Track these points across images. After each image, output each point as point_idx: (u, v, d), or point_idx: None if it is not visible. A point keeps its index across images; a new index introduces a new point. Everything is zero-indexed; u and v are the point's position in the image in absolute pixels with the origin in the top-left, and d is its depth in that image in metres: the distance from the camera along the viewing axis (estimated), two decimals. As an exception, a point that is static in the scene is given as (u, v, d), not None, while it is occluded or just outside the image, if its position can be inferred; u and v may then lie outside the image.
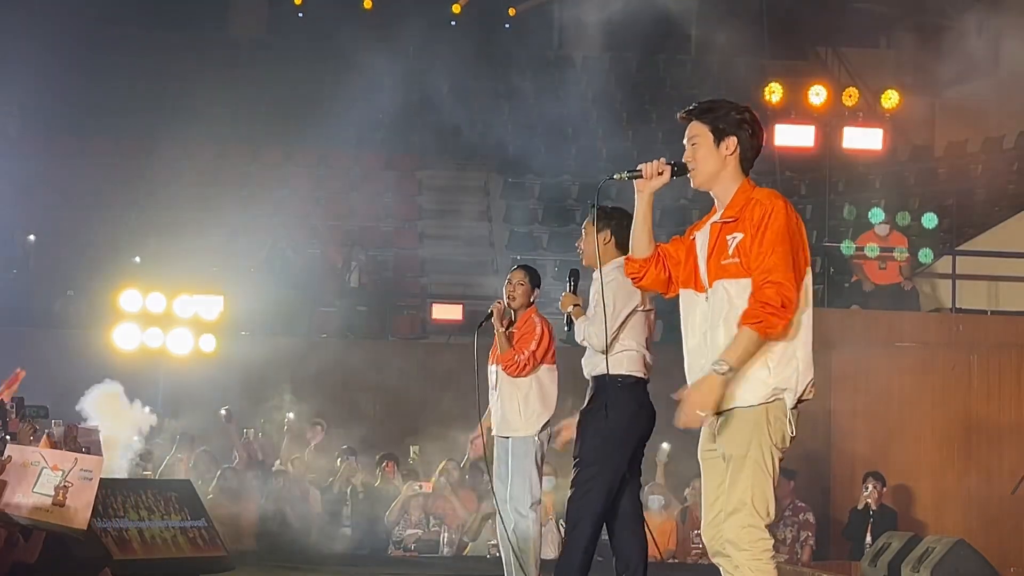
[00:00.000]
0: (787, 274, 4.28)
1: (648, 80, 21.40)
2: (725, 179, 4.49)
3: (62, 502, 6.17)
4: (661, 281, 4.64)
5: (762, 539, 4.32)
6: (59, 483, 6.19)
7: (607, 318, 6.12)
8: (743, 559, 4.32)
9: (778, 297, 4.25)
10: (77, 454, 6.55)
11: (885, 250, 12.92)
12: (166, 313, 12.48)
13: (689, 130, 4.54)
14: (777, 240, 4.31)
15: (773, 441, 4.33)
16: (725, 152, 4.48)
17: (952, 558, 8.20)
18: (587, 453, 6.31)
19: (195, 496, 8.32)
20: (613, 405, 6.22)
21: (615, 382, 6.27)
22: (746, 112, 4.54)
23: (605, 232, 6.46)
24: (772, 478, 4.34)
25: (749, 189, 4.47)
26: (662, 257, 4.62)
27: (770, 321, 4.25)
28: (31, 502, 6.16)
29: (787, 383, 4.34)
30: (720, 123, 4.49)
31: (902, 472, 11.81)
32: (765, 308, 4.25)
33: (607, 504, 6.31)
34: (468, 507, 11.72)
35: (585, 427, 6.35)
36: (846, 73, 22.00)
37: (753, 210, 4.38)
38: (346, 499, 11.82)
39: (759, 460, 4.32)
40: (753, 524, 4.31)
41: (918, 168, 18.95)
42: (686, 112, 4.56)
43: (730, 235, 4.41)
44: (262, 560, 10.35)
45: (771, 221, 4.33)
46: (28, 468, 6.22)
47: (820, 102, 14.24)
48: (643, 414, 6.35)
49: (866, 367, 11.94)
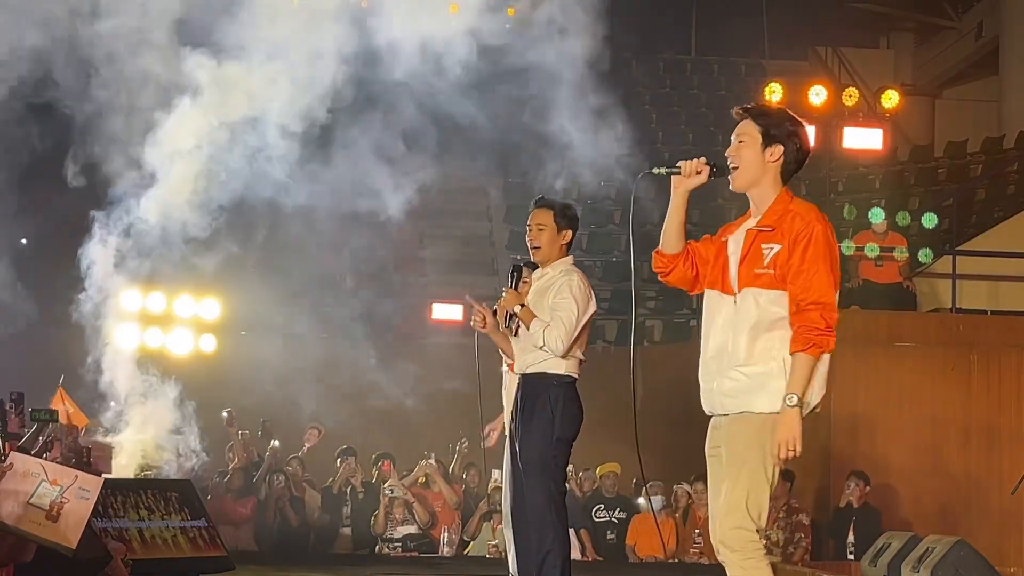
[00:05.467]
0: (829, 294, 4.32)
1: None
2: (765, 185, 4.49)
3: (55, 517, 6.15)
4: (688, 279, 4.62)
5: (752, 541, 4.33)
6: (55, 498, 6.17)
7: (575, 324, 6.09)
8: (735, 559, 4.34)
9: (822, 320, 4.29)
10: (78, 471, 6.52)
11: (884, 250, 12.91)
12: (166, 313, 12.48)
13: (740, 128, 4.52)
14: (819, 258, 4.34)
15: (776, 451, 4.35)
16: (769, 159, 4.47)
17: (952, 558, 8.19)
18: (535, 454, 6.19)
19: (195, 496, 8.32)
20: (557, 405, 6.17)
21: (556, 382, 6.20)
22: (800, 126, 4.54)
23: (567, 231, 6.38)
24: (769, 486, 4.36)
25: (788, 199, 4.47)
26: (691, 255, 4.61)
27: (820, 342, 4.29)
28: (24, 513, 6.15)
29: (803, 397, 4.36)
30: (772, 129, 4.48)
31: (901, 472, 11.81)
32: (812, 332, 4.28)
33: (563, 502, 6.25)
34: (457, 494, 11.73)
35: (529, 428, 6.21)
36: (846, 73, 22.02)
37: (793, 222, 4.39)
38: (346, 499, 11.84)
39: (758, 466, 4.34)
40: (743, 526, 4.33)
41: (918, 168, 18.95)
42: (743, 109, 4.55)
43: (766, 244, 4.40)
44: (262, 560, 10.35)
45: (813, 238, 4.35)
46: (27, 478, 6.21)
47: (820, 102, 14.28)
48: (580, 415, 6.29)
49: (866, 367, 11.93)
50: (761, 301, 4.37)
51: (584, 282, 6.29)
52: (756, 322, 4.36)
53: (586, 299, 6.22)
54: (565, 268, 6.32)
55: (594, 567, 11.12)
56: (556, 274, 6.29)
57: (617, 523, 11.75)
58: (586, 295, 6.22)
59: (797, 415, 4.28)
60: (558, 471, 6.24)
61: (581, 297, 6.20)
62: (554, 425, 6.17)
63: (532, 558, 6.22)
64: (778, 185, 4.49)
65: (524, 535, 6.27)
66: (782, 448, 4.28)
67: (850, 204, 16.25)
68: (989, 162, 17.95)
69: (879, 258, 12.83)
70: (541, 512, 6.16)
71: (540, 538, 6.18)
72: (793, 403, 4.27)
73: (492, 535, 11.10)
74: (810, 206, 4.47)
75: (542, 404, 6.19)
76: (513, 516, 6.41)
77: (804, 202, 4.49)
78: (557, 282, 6.26)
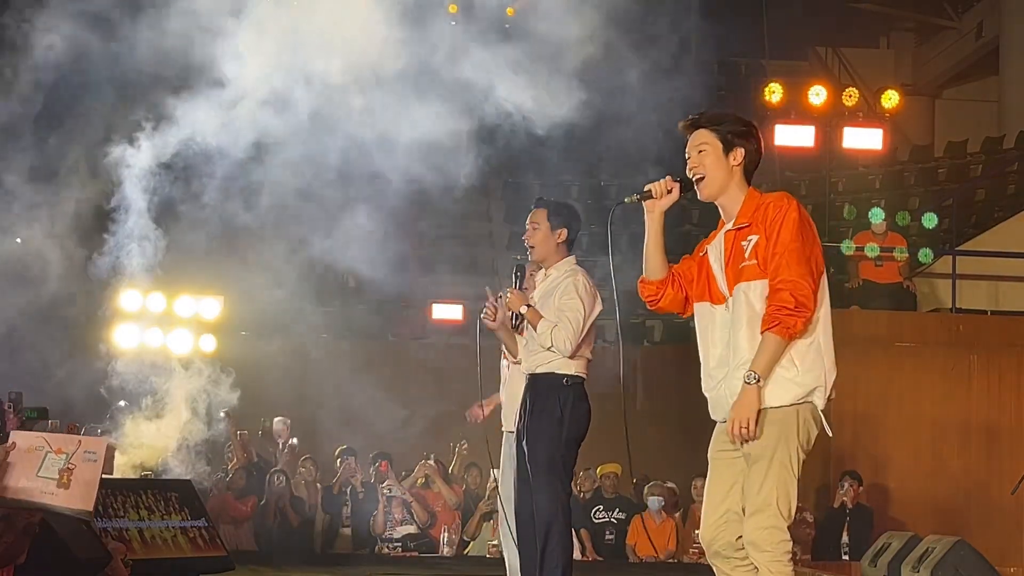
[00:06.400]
0: (800, 273, 4.28)
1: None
2: (733, 189, 4.50)
3: (67, 484, 6.15)
4: (679, 301, 4.63)
5: (783, 540, 4.30)
6: (63, 465, 6.17)
7: (582, 324, 6.07)
8: (764, 560, 4.30)
9: (792, 298, 4.26)
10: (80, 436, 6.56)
11: (884, 250, 12.92)
12: (166, 313, 12.48)
13: (695, 138, 4.52)
14: (790, 239, 4.32)
15: (800, 442, 4.34)
16: (733, 162, 4.49)
17: (952, 558, 8.20)
18: (543, 455, 6.16)
19: (195, 496, 8.31)
20: (567, 406, 6.15)
21: (566, 382, 6.18)
22: (751, 124, 4.56)
23: (561, 229, 6.34)
24: (796, 479, 4.34)
25: (757, 196, 4.49)
26: (677, 278, 4.62)
27: (788, 322, 4.26)
28: (35, 486, 6.16)
29: (817, 381, 4.38)
30: (729, 133, 4.49)
31: (901, 472, 11.81)
32: (781, 311, 4.26)
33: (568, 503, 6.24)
34: (456, 494, 11.74)
35: (538, 428, 6.19)
36: (846, 73, 22.03)
37: (767, 212, 4.40)
38: (346, 499, 11.84)
39: (785, 461, 4.32)
40: (776, 525, 4.29)
41: (918, 168, 18.96)
42: (691, 120, 4.55)
43: (745, 240, 4.41)
44: (262, 560, 10.36)
45: (785, 222, 4.34)
46: (32, 453, 6.22)
47: (820, 102, 14.25)
48: (588, 415, 6.27)
49: (866, 367, 11.93)
50: (751, 294, 4.38)
51: (589, 282, 6.29)
52: (751, 316, 4.37)
53: (592, 298, 6.21)
54: (569, 268, 6.32)
55: (594, 567, 11.13)
56: (560, 275, 6.29)
57: (616, 523, 11.75)
58: (591, 295, 6.21)
59: (755, 394, 4.27)
60: (566, 472, 6.23)
61: (587, 297, 6.19)
62: (563, 426, 6.15)
63: (534, 558, 6.22)
64: (744, 186, 4.51)
65: (527, 535, 6.26)
66: (736, 425, 4.28)
67: (850, 204, 16.27)
68: (989, 162, 17.97)
69: (879, 258, 12.83)
70: (547, 513, 6.15)
71: (543, 539, 6.17)
72: (752, 380, 4.27)
73: (492, 535, 11.10)
74: (781, 193, 4.47)
75: (551, 405, 6.17)
76: (517, 516, 6.38)
77: (775, 193, 4.50)
78: (562, 283, 6.25)
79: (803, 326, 4.29)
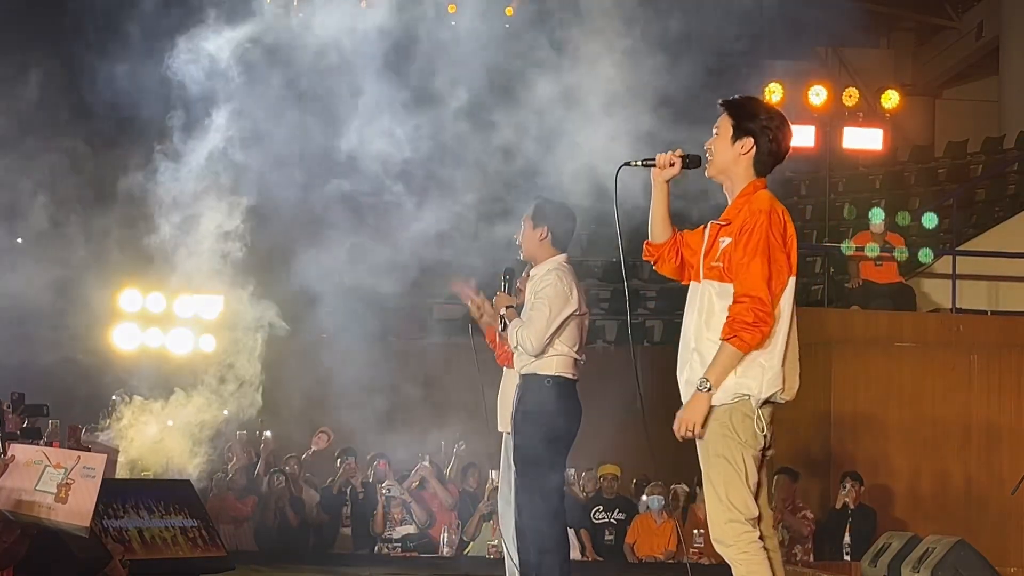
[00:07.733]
0: (760, 288, 4.34)
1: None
2: (736, 175, 4.57)
3: (65, 499, 6.16)
4: (675, 268, 4.72)
5: (746, 532, 4.38)
6: (61, 480, 6.18)
7: (545, 324, 6.07)
8: (729, 554, 4.40)
9: (750, 313, 4.33)
10: (80, 451, 6.55)
11: (884, 250, 12.91)
12: (166, 313, 12.48)
13: (718, 120, 4.63)
14: (756, 250, 4.38)
15: (742, 439, 4.39)
16: (740, 151, 4.55)
17: (952, 558, 8.19)
18: (524, 454, 6.18)
19: (195, 496, 8.32)
20: (547, 404, 6.16)
21: (547, 382, 6.18)
22: (777, 122, 4.58)
23: (542, 228, 6.35)
24: (744, 474, 4.39)
25: (751, 192, 4.52)
26: (678, 244, 4.70)
27: (743, 337, 4.33)
28: (33, 500, 6.16)
29: (749, 388, 4.41)
30: (744, 122, 4.55)
31: (901, 472, 11.80)
32: (737, 323, 4.34)
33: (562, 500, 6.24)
34: (452, 494, 11.73)
35: (520, 427, 6.22)
36: (846, 73, 22.00)
37: (741, 215, 4.46)
38: (345, 499, 11.83)
39: (727, 457, 4.39)
40: (733, 519, 4.37)
41: (918, 168, 18.95)
42: (722, 102, 4.65)
43: (721, 238, 4.49)
44: (262, 560, 10.35)
45: (754, 230, 4.39)
46: (31, 467, 6.22)
47: (820, 102, 14.26)
48: (576, 414, 6.27)
49: (866, 367, 11.93)
50: (712, 293, 4.47)
51: (563, 281, 6.25)
52: (709, 310, 4.47)
53: (563, 298, 6.18)
54: (550, 267, 6.32)
55: (594, 567, 11.12)
56: (541, 274, 6.30)
57: (616, 524, 11.75)
58: (563, 294, 6.17)
59: (704, 400, 4.37)
60: (553, 470, 6.22)
61: (556, 296, 6.16)
62: (547, 424, 6.16)
63: (531, 558, 6.22)
64: (749, 177, 4.56)
65: (523, 535, 6.27)
66: (681, 426, 4.40)
67: (850, 204, 16.25)
68: (989, 162, 17.96)
69: (879, 258, 12.82)
70: (538, 512, 6.15)
71: (539, 538, 6.17)
72: (704, 388, 4.37)
73: (492, 535, 11.10)
74: (764, 197, 4.50)
75: (535, 403, 6.19)
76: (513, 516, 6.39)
77: (763, 194, 4.53)
78: (540, 282, 6.26)
79: (761, 339, 4.36)
